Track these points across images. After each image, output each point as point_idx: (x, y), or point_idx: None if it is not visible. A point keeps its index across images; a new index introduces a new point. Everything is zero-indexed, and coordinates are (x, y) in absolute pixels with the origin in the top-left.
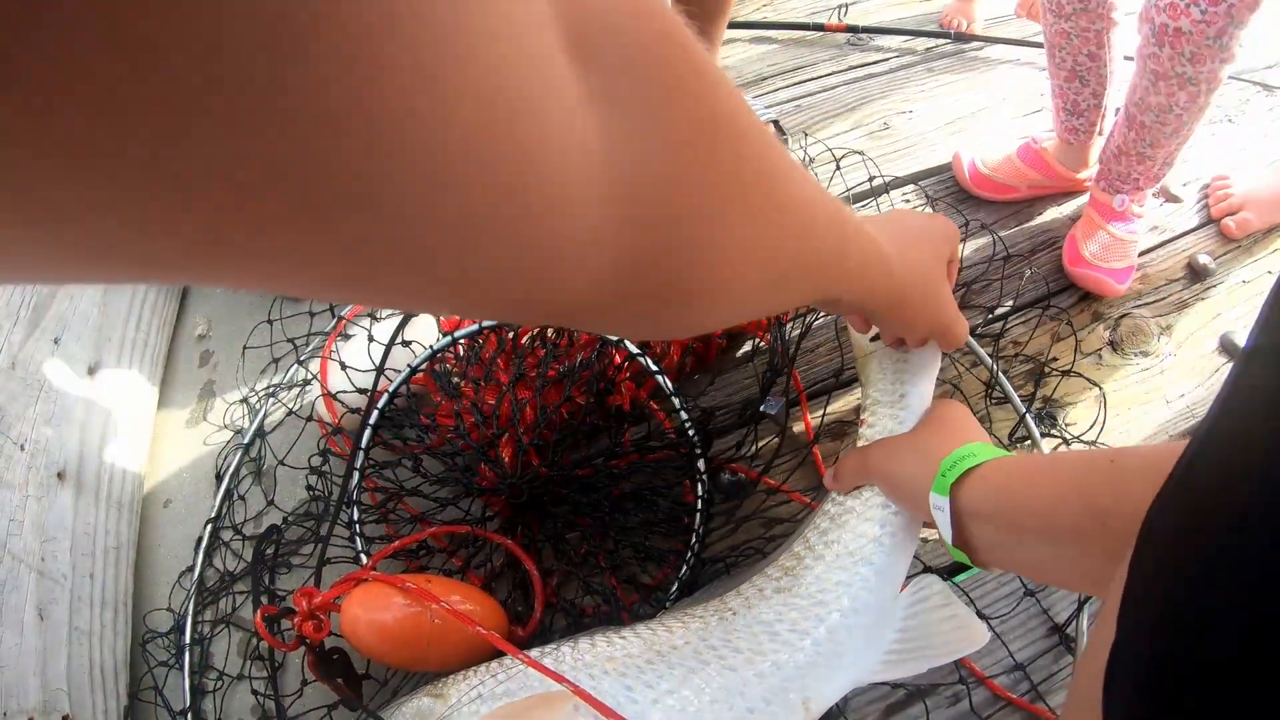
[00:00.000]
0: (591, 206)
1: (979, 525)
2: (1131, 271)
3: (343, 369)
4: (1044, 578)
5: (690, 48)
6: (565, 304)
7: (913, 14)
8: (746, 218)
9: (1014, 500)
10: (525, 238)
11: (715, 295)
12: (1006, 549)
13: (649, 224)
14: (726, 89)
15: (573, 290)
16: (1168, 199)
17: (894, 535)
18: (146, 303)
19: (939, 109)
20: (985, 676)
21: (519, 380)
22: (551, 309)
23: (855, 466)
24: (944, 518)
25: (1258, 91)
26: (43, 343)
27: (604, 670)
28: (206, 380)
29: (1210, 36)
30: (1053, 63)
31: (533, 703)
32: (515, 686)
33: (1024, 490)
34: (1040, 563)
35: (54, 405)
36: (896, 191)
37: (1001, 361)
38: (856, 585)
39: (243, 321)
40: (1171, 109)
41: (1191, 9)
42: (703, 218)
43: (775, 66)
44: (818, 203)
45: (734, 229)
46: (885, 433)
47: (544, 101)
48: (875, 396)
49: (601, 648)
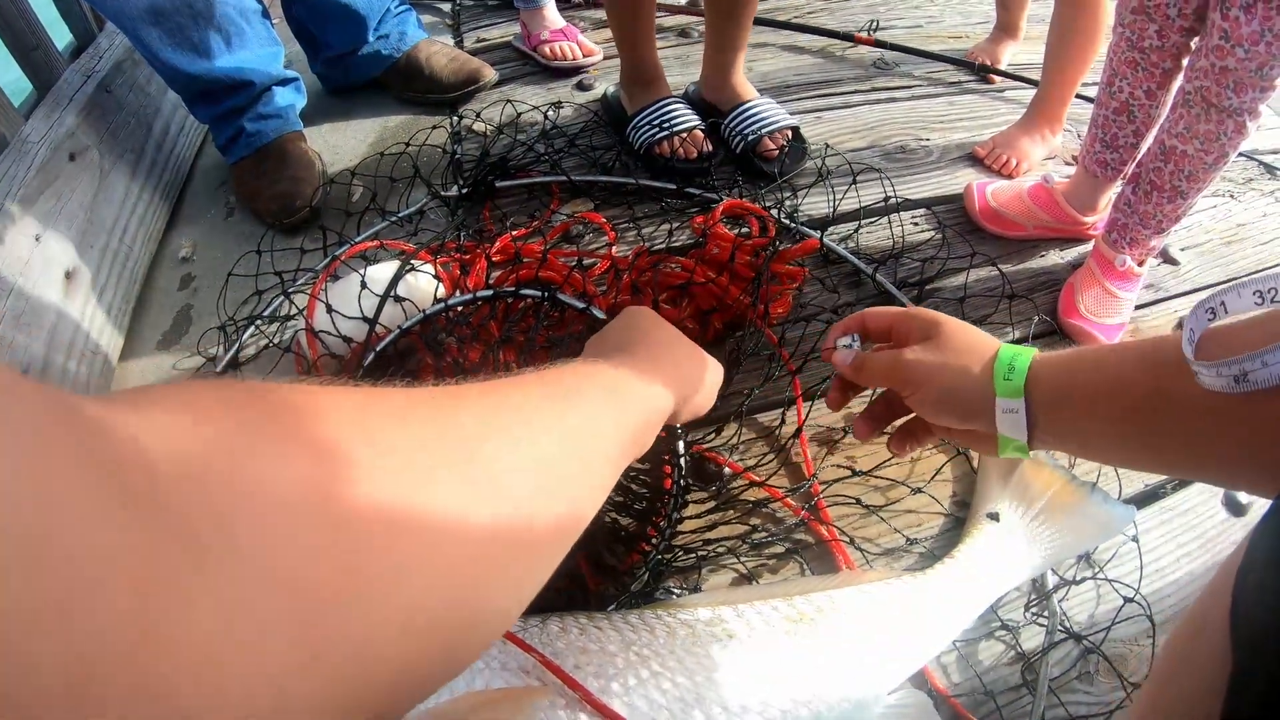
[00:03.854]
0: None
1: (1049, 416)
2: (1122, 329)
3: (329, 311)
4: (1111, 459)
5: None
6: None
7: (941, 49)
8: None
9: (1083, 384)
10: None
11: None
12: (1079, 434)
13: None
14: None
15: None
16: (1165, 260)
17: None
18: (135, 214)
19: (956, 141)
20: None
21: (505, 343)
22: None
23: (886, 366)
24: (1018, 419)
25: (1261, 172)
26: (24, 237)
27: (576, 664)
28: (185, 304)
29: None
30: (1107, 91)
31: (505, 695)
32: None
33: (1091, 371)
34: (1110, 442)
35: (25, 305)
36: (907, 213)
37: None
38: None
39: (230, 248)
40: (1219, 137)
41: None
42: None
43: (802, 77)
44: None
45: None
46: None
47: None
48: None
49: (574, 635)
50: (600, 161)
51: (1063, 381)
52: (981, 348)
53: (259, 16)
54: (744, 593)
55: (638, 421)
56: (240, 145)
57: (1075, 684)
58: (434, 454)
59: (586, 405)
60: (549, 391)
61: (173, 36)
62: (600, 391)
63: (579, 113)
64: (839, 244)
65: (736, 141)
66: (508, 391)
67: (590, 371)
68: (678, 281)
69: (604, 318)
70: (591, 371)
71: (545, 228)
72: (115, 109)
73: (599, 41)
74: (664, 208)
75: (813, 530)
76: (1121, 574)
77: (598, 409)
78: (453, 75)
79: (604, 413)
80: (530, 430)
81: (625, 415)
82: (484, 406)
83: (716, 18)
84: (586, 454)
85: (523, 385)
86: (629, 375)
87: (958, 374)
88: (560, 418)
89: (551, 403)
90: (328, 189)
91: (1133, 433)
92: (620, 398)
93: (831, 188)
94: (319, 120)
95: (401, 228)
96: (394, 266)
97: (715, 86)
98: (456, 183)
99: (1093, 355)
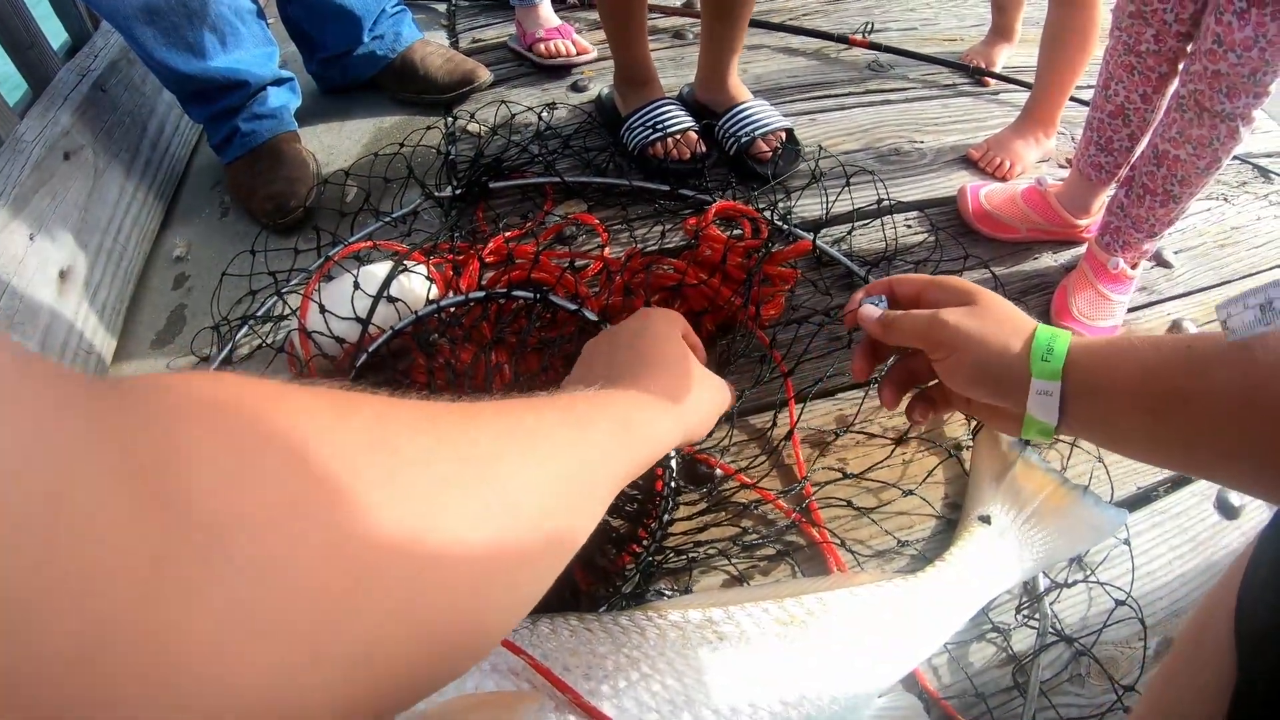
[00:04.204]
0: None
1: (1082, 403)
2: (1115, 332)
3: (322, 312)
4: (1138, 452)
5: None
6: None
7: (936, 52)
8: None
9: (1121, 374)
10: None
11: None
12: (1108, 425)
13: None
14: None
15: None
16: (1159, 263)
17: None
18: (129, 213)
19: (949, 143)
20: (940, 696)
21: (497, 344)
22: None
23: (922, 325)
24: (1051, 403)
25: (1256, 175)
26: (18, 236)
27: (565, 665)
28: (179, 304)
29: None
30: (1102, 94)
31: (495, 699)
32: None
33: (1128, 361)
34: (1140, 435)
35: (19, 304)
36: (900, 215)
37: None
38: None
39: (224, 248)
40: (1211, 142)
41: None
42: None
43: (795, 79)
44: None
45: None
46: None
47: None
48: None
49: (565, 637)
50: (594, 163)
51: (1100, 370)
52: (1020, 322)
53: (254, 16)
54: (735, 594)
55: (643, 455)
56: (235, 145)
57: (1066, 686)
58: (450, 469)
59: (598, 436)
60: (563, 418)
61: (167, 36)
62: (612, 424)
63: (573, 114)
64: (832, 246)
65: (730, 144)
66: (523, 414)
67: (604, 401)
68: (670, 283)
69: (596, 319)
70: (605, 401)
71: (538, 229)
72: (110, 108)
73: (595, 43)
74: (657, 209)
75: (804, 532)
76: (1113, 576)
77: (608, 441)
78: (448, 76)
79: (613, 446)
80: (542, 455)
81: (632, 450)
82: (500, 427)
83: (712, 19)
84: (593, 482)
85: (538, 409)
86: (641, 408)
87: (996, 346)
88: (572, 445)
89: (565, 430)
90: (322, 189)
91: (1164, 427)
92: (630, 432)
93: (825, 190)
94: (314, 120)
95: (395, 228)
96: (387, 267)
97: (710, 88)
98: (450, 183)
99: (1130, 345)
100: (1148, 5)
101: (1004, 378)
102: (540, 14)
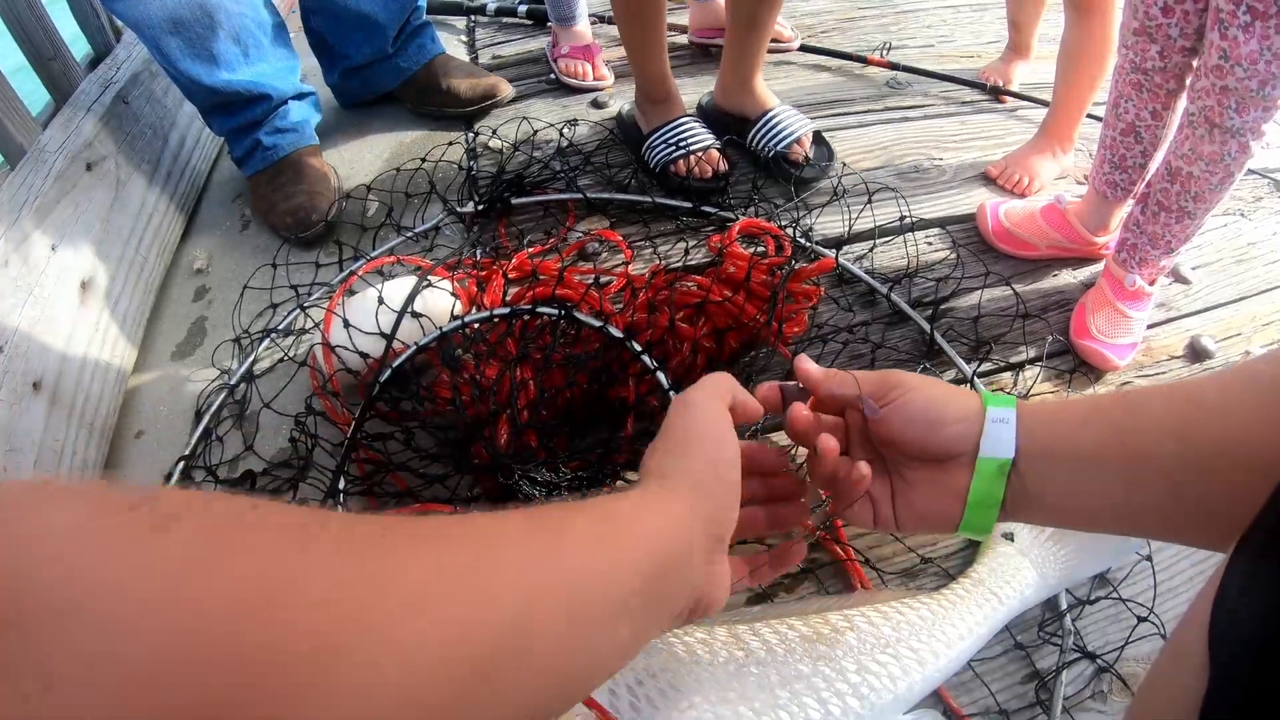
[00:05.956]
0: None
1: (1029, 462)
2: (1134, 348)
3: (345, 326)
4: (1080, 521)
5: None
6: None
7: (953, 69)
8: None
9: (1065, 412)
10: None
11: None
12: (1056, 484)
13: None
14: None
15: None
16: (1177, 279)
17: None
18: (150, 225)
19: (969, 160)
20: (964, 714)
21: (522, 360)
22: None
23: (875, 374)
24: (1008, 430)
25: (1272, 190)
26: (40, 247)
27: None
28: (199, 316)
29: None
30: (1113, 113)
31: None
32: None
33: (1063, 416)
34: (1081, 498)
35: (41, 312)
36: (920, 233)
37: None
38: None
39: (244, 261)
40: (1223, 157)
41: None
42: None
43: (814, 96)
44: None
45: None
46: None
47: None
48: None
49: None
50: (616, 179)
51: (1050, 409)
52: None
53: (276, 30)
54: (761, 611)
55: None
56: (256, 158)
57: (1090, 703)
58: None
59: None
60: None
61: (192, 47)
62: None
63: (594, 130)
64: (854, 263)
65: (765, 149)
66: (554, 547)
67: (656, 550)
68: (694, 300)
69: (620, 336)
70: (658, 550)
71: (561, 245)
72: (132, 120)
73: (619, 58)
74: (680, 226)
75: (828, 549)
76: (1135, 593)
77: (638, 601)
78: (469, 90)
79: (647, 619)
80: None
81: (669, 603)
82: (530, 554)
83: (744, 31)
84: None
85: (583, 551)
86: (678, 560)
87: (946, 389)
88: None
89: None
90: (343, 203)
91: (1104, 469)
92: (666, 580)
93: (847, 207)
94: (334, 135)
95: (417, 243)
96: (410, 282)
97: (736, 94)
98: (472, 199)
99: (1073, 400)
100: (1151, 21)
101: (958, 416)
102: (575, 31)
